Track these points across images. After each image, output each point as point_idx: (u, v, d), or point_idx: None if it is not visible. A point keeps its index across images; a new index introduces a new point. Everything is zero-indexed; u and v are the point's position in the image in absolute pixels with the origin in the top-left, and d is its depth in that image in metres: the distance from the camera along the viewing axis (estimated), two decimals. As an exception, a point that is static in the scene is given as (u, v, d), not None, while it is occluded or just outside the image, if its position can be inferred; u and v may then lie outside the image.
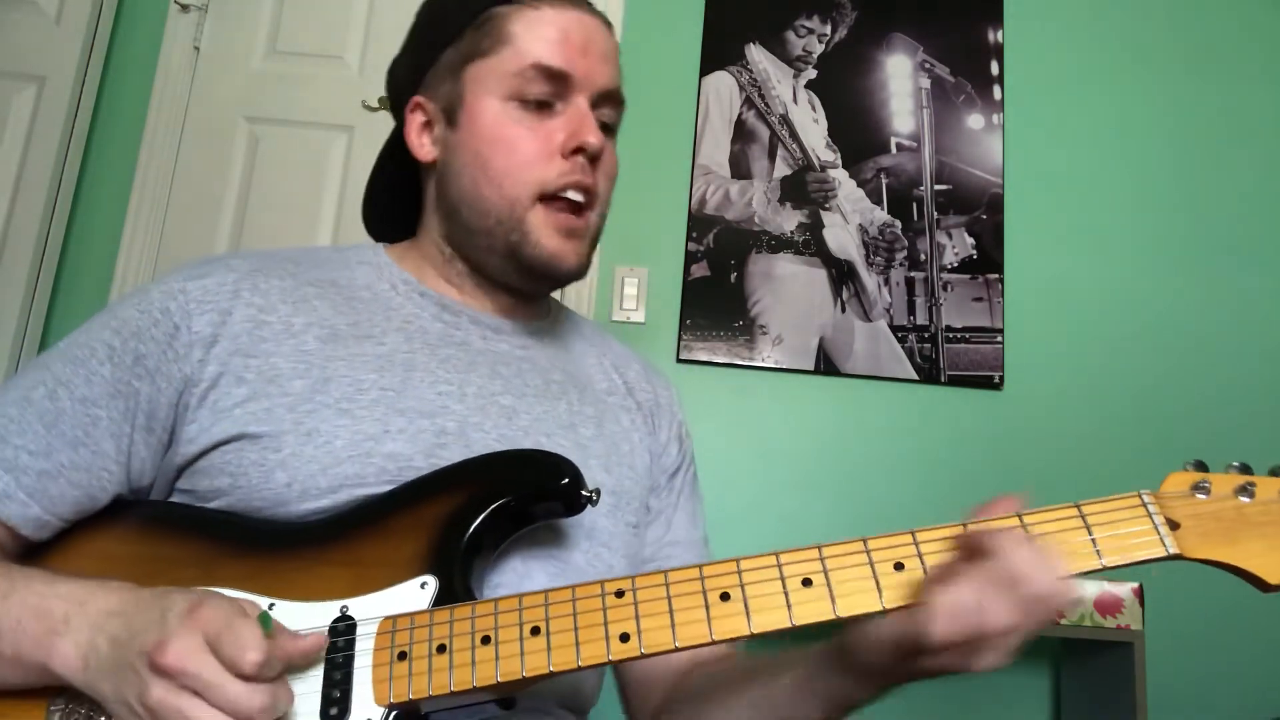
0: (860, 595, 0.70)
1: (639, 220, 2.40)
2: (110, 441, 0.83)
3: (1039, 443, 2.32)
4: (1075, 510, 0.72)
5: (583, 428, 0.96)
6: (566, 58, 0.92)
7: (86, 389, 0.82)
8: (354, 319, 0.91)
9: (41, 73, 2.40)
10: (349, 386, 0.86)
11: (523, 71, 0.91)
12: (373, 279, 0.97)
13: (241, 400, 0.83)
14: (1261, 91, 2.55)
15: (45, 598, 0.72)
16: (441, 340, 0.94)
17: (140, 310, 0.85)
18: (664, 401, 1.10)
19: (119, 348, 0.84)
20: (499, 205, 0.92)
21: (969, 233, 2.45)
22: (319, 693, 0.71)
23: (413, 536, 0.79)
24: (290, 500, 0.81)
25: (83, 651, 0.69)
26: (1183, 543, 0.70)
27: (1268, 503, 0.70)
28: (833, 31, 2.56)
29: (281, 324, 0.87)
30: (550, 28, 0.92)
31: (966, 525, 0.72)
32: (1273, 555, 0.68)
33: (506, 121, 0.92)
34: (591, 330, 1.13)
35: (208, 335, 0.84)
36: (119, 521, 0.84)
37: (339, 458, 0.82)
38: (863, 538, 0.72)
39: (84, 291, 2.40)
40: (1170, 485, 0.73)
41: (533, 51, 0.92)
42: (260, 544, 0.80)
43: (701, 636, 0.70)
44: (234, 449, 0.82)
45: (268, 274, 0.90)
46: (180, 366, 0.84)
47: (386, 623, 0.73)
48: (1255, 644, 2.21)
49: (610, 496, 0.94)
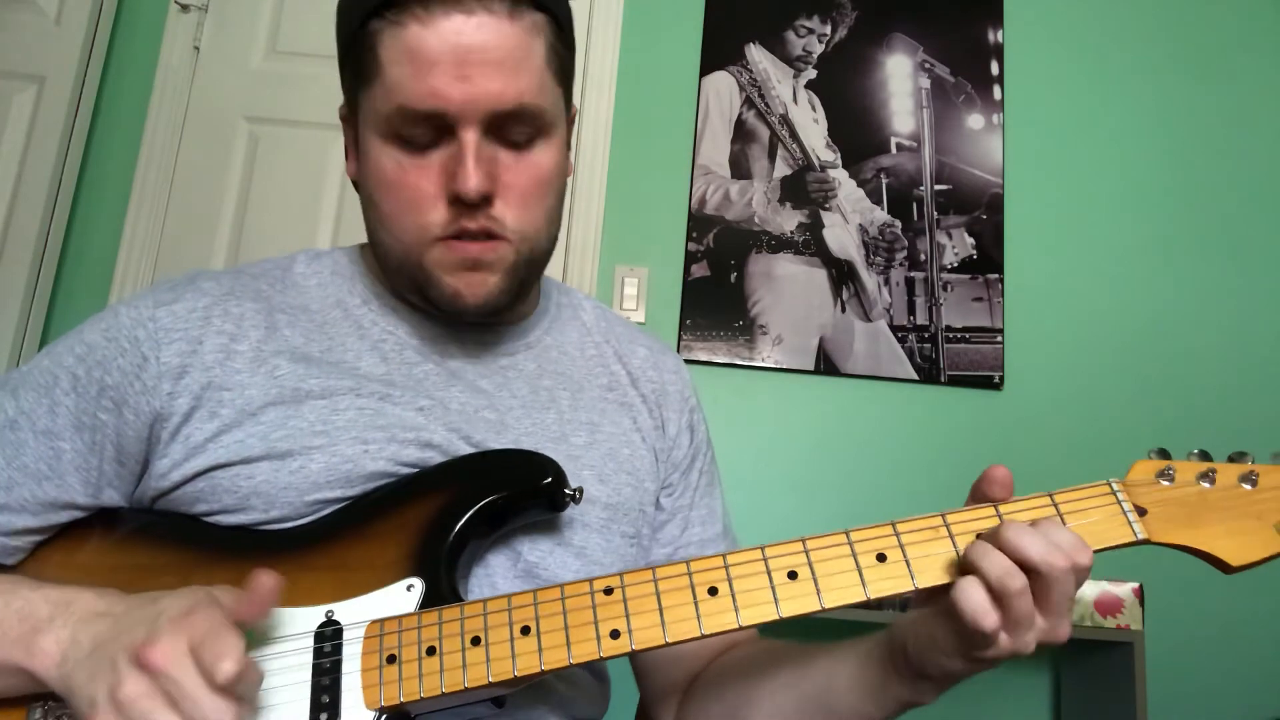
0: (844, 588, 0.72)
1: (639, 220, 2.40)
2: (76, 475, 0.80)
3: (1039, 443, 2.32)
4: (1048, 499, 0.74)
5: (574, 437, 0.93)
6: (435, 92, 0.78)
7: (49, 420, 0.80)
8: (326, 345, 0.87)
9: (41, 73, 2.40)
10: (324, 409, 0.82)
11: (390, 116, 0.80)
12: (344, 294, 0.92)
13: (214, 434, 0.80)
14: (1262, 91, 2.55)
15: (31, 601, 0.71)
16: (418, 357, 0.90)
17: (107, 338, 0.82)
18: (672, 389, 1.04)
19: (83, 377, 0.81)
20: (396, 248, 0.85)
21: (969, 233, 2.45)
22: (308, 698, 0.70)
23: (397, 539, 0.78)
24: (270, 524, 0.80)
25: (63, 647, 0.68)
26: (1150, 528, 0.73)
27: (1227, 488, 0.75)
28: (833, 31, 2.56)
29: (253, 351, 0.84)
30: (413, 57, 0.78)
31: (945, 516, 0.74)
32: (1233, 539, 0.72)
33: (388, 164, 0.82)
34: (593, 313, 1.06)
35: (176, 365, 0.81)
36: (100, 530, 0.83)
37: (317, 483, 0.80)
38: (845, 530, 0.74)
39: (84, 291, 2.40)
40: (1136, 473, 0.76)
41: (398, 90, 0.79)
42: (241, 550, 0.79)
43: (691, 631, 0.71)
44: (206, 479, 0.80)
45: (240, 297, 0.86)
46: (149, 400, 0.80)
47: (374, 626, 0.73)
48: (1255, 644, 2.20)
49: (604, 511, 0.91)
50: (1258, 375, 2.38)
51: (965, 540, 0.72)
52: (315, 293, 0.92)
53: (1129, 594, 1.98)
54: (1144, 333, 2.40)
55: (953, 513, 0.74)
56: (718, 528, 1.04)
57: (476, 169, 0.80)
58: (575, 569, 0.87)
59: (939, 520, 0.73)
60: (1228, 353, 2.39)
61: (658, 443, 1.00)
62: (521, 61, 0.80)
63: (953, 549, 0.72)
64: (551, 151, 0.86)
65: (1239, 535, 0.72)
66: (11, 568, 0.82)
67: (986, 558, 0.68)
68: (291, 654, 0.73)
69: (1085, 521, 0.73)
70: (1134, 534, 0.72)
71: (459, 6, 0.78)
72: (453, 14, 0.78)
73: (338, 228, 2.43)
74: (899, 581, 0.72)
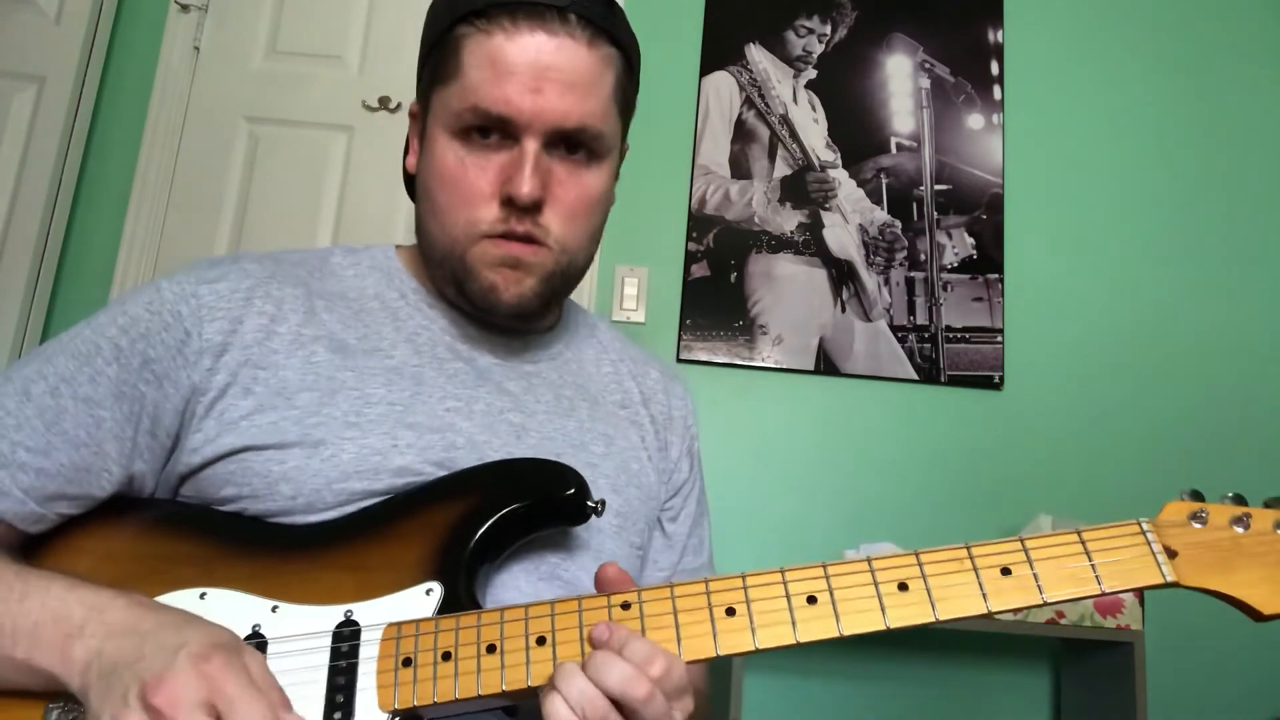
0: (864, 614, 0.71)
1: (639, 220, 2.40)
2: (113, 444, 0.81)
3: (1039, 443, 2.33)
4: (1076, 536, 0.73)
5: (593, 445, 0.95)
6: (508, 99, 0.83)
7: (91, 388, 0.81)
8: (362, 333, 0.90)
9: (41, 73, 2.40)
10: (357, 400, 0.85)
11: (463, 113, 0.86)
12: (383, 288, 0.95)
13: (248, 412, 0.82)
14: (1263, 92, 2.56)
15: (65, 603, 0.71)
16: (450, 354, 0.93)
17: (151, 311, 0.83)
18: (678, 414, 1.08)
19: (126, 348, 0.82)
20: (443, 239, 0.89)
21: (969, 233, 2.45)
22: (322, 697, 0.71)
23: (418, 542, 0.79)
24: (295, 512, 0.81)
25: (89, 657, 0.68)
26: (1180, 571, 0.72)
27: (1262, 534, 0.72)
28: (833, 31, 2.56)
29: (291, 334, 0.86)
30: (494, 63, 0.84)
31: (969, 547, 0.73)
32: (1266, 586, 0.71)
33: (451, 158, 0.87)
34: (608, 333, 1.10)
35: (218, 343, 0.83)
36: (120, 518, 0.83)
37: (346, 472, 0.81)
38: (868, 558, 0.73)
39: (84, 291, 2.40)
40: (1168, 514, 0.75)
41: (475, 91, 0.85)
42: (263, 545, 0.80)
43: (707, 651, 0.71)
44: (238, 460, 0.81)
45: (281, 281, 0.89)
46: (189, 374, 0.82)
47: (391, 629, 0.73)
48: (1255, 644, 2.21)
49: (616, 519, 0.93)
50: (1257, 375, 2.39)
51: (990, 574, 0.71)
52: (353, 282, 0.95)
53: (1129, 594, 1.99)
54: (1143, 333, 2.41)
55: (977, 545, 0.73)
56: (704, 558, 1.08)
57: (533, 175, 0.85)
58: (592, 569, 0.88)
59: (964, 552, 0.73)
60: (1227, 352, 2.40)
61: (661, 463, 1.03)
62: (591, 87, 0.87)
63: (976, 581, 0.71)
64: (602, 175, 0.92)
65: (1272, 583, 0.71)
66: (36, 541, 0.82)
67: (568, 680, 0.67)
68: (309, 652, 0.73)
69: (1112, 560, 0.72)
70: (1163, 576, 0.71)
71: (544, 26, 0.84)
72: (538, 32, 0.84)
73: (338, 228, 2.43)
74: (920, 611, 0.71)
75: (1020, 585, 0.71)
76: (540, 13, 0.84)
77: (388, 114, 2.44)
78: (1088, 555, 0.72)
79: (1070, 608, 1.97)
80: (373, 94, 2.46)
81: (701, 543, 1.08)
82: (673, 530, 1.04)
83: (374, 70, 2.50)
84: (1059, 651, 2.24)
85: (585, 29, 0.85)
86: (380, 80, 2.49)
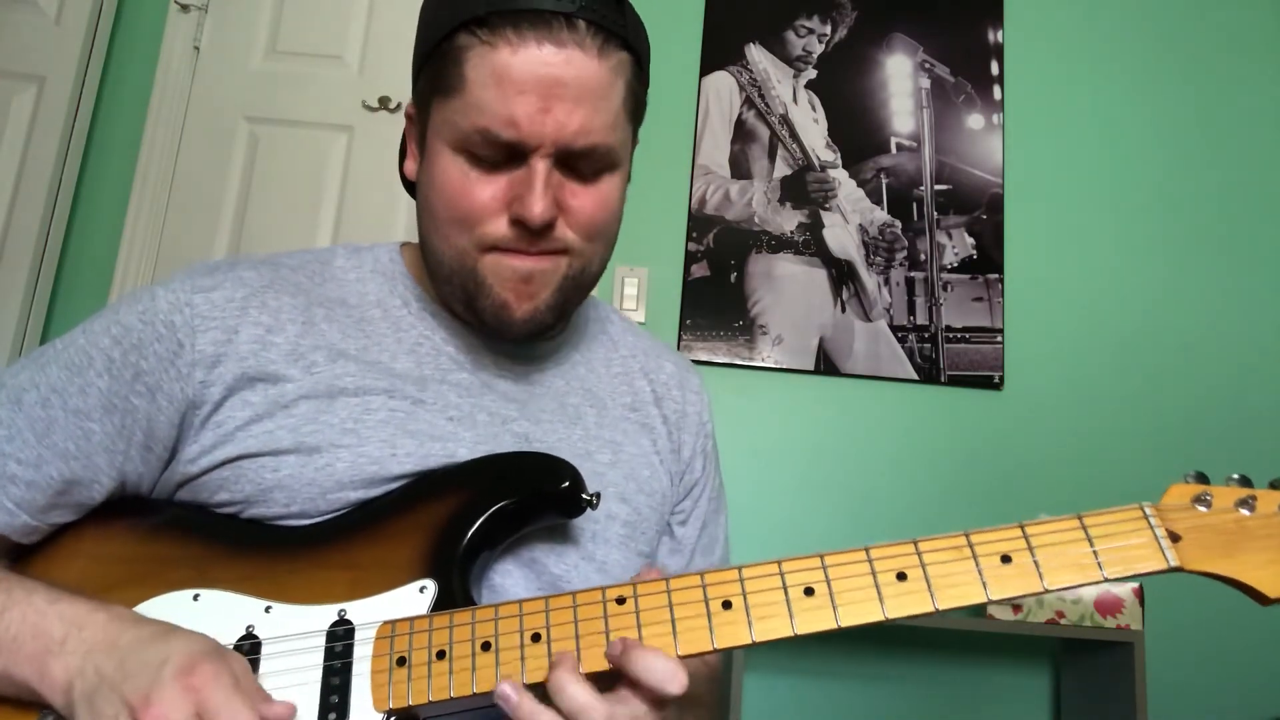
0: (862, 605, 0.70)
1: (639, 220, 2.39)
2: (103, 456, 0.80)
3: (1039, 443, 2.33)
4: (1077, 521, 0.71)
5: (599, 454, 0.93)
6: (515, 121, 0.78)
7: (80, 400, 0.79)
8: (363, 342, 0.88)
9: (41, 73, 2.40)
10: (356, 407, 0.83)
11: (470, 134, 0.80)
12: (385, 294, 0.93)
13: (244, 423, 0.80)
14: (1262, 93, 2.55)
15: (45, 616, 0.71)
16: (453, 364, 0.91)
17: (144, 321, 0.81)
18: (692, 411, 1.04)
19: (118, 360, 0.80)
20: (449, 255, 0.85)
21: (969, 233, 2.45)
22: (317, 697, 0.71)
23: (411, 539, 0.78)
24: (290, 518, 0.80)
25: (71, 676, 0.68)
26: (1183, 555, 0.69)
27: (1268, 516, 0.70)
28: (833, 31, 2.56)
29: (289, 344, 0.84)
30: (500, 81, 0.78)
31: (969, 535, 0.72)
32: (1273, 568, 0.68)
33: (455, 173, 0.82)
34: (619, 326, 1.07)
35: (210, 355, 0.81)
36: (114, 520, 0.83)
37: (340, 482, 0.80)
38: (865, 546, 0.72)
39: (84, 291, 2.40)
40: (1171, 497, 0.72)
41: (480, 113, 0.79)
42: (256, 545, 0.79)
43: (703, 644, 0.70)
44: (232, 467, 0.80)
45: (278, 290, 0.86)
46: (182, 386, 0.81)
47: (385, 627, 0.73)
48: (1255, 644, 2.21)
49: (624, 528, 0.91)
50: (1257, 374, 2.39)
51: (989, 561, 0.70)
52: (354, 288, 0.92)
53: (1129, 594, 1.99)
54: (1143, 332, 2.40)
55: (977, 533, 0.71)
56: (715, 556, 1.05)
57: (544, 196, 0.80)
58: (596, 584, 0.87)
59: (963, 540, 0.71)
60: (1227, 352, 2.40)
61: (673, 466, 1.01)
62: (600, 101, 0.81)
63: (975, 569, 0.70)
64: (615, 182, 0.88)
65: (1278, 565, 0.68)
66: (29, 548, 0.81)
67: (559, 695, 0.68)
68: (303, 652, 0.73)
69: (1114, 546, 0.70)
70: (1166, 561, 0.69)
71: (551, 37, 0.78)
72: (545, 44, 0.78)
73: (338, 228, 2.43)
74: (919, 600, 0.69)
75: (1021, 572, 0.69)
76: (546, 21, 0.78)
77: (388, 114, 2.44)
78: (1089, 540, 0.70)
79: (1070, 608, 1.97)
80: (373, 94, 2.46)
81: (714, 540, 1.05)
82: (681, 534, 1.02)
83: (374, 70, 2.51)
84: (1059, 651, 2.24)
85: (595, 36, 0.80)
86: (380, 80, 2.49)
